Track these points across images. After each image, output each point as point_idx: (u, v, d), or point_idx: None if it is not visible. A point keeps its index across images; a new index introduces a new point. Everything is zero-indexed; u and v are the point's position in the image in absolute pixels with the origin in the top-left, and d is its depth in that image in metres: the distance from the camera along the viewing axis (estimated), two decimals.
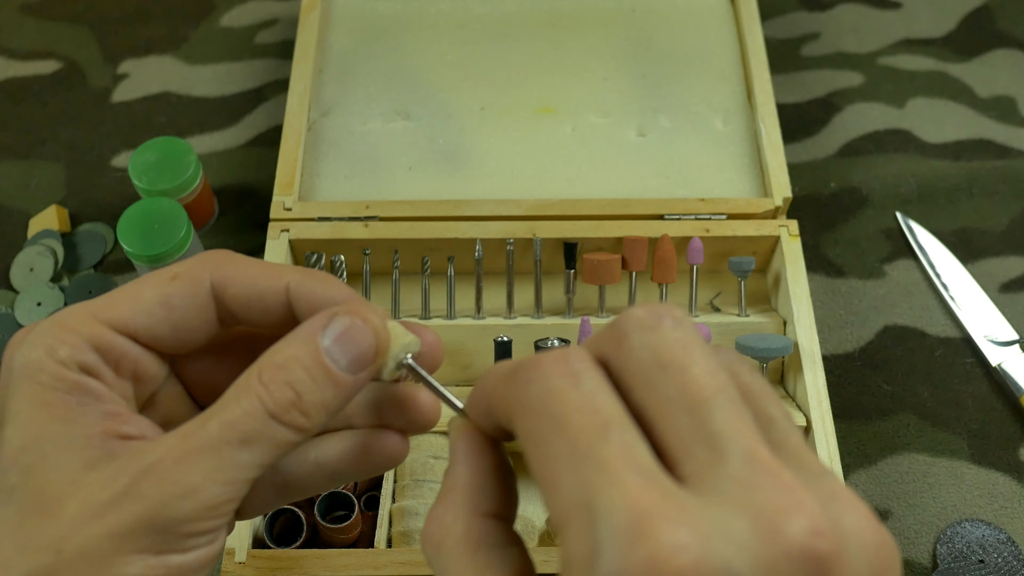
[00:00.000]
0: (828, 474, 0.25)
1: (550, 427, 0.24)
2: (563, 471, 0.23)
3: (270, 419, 0.28)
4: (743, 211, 0.59)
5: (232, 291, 0.31)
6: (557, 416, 0.24)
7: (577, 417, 0.24)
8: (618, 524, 0.22)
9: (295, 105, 0.63)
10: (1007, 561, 0.53)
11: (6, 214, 0.68)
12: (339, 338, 0.29)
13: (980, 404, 0.60)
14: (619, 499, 0.22)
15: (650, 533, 0.21)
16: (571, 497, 0.23)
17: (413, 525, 0.47)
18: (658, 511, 0.22)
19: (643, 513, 0.22)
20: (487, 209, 0.59)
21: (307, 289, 0.31)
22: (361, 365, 0.29)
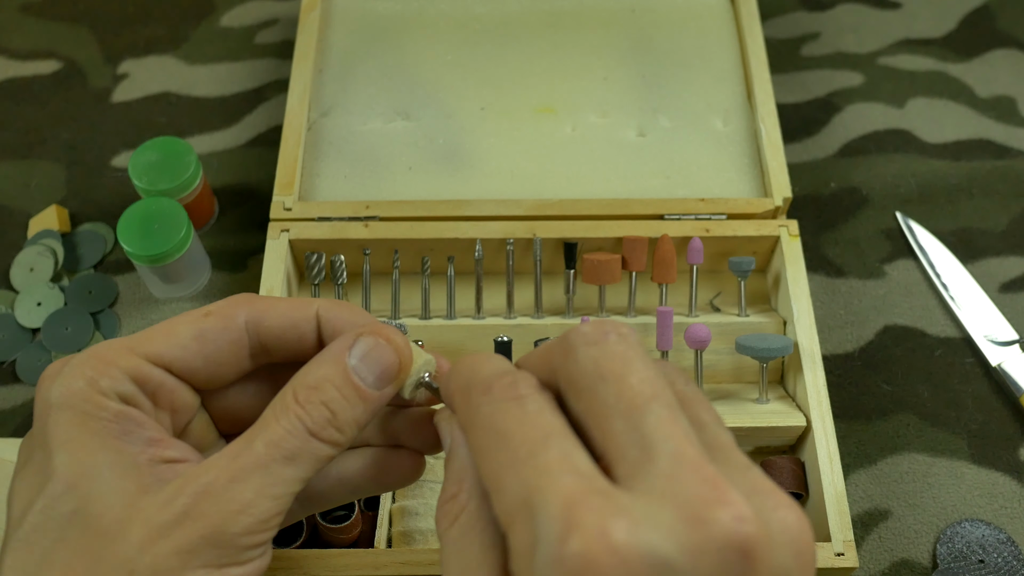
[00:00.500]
0: (754, 469, 0.27)
1: (496, 440, 0.27)
2: (506, 476, 0.26)
3: (310, 437, 0.31)
4: (743, 211, 0.59)
5: (267, 323, 0.34)
6: (502, 431, 0.27)
7: (520, 430, 0.26)
8: (553, 515, 0.24)
9: (295, 105, 0.63)
10: (1007, 561, 0.53)
11: (6, 214, 0.68)
12: (365, 357, 0.32)
13: (980, 404, 0.60)
14: (554, 495, 0.24)
15: (581, 521, 0.23)
16: (514, 498, 0.25)
17: (413, 525, 0.47)
18: (589, 503, 0.24)
19: (575, 505, 0.24)
20: (487, 209, 0.59)
21: (335, 315, 0.34)
22: (386, 380, 0.32)
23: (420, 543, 0.47)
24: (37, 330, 0.63)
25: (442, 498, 0.29)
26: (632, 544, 0.23)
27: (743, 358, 0.57)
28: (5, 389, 0.61)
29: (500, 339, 0.53)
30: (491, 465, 0.27)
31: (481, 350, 0.56)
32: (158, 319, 0.63)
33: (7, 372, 0.62)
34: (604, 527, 0.23)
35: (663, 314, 0.54)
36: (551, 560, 0.23)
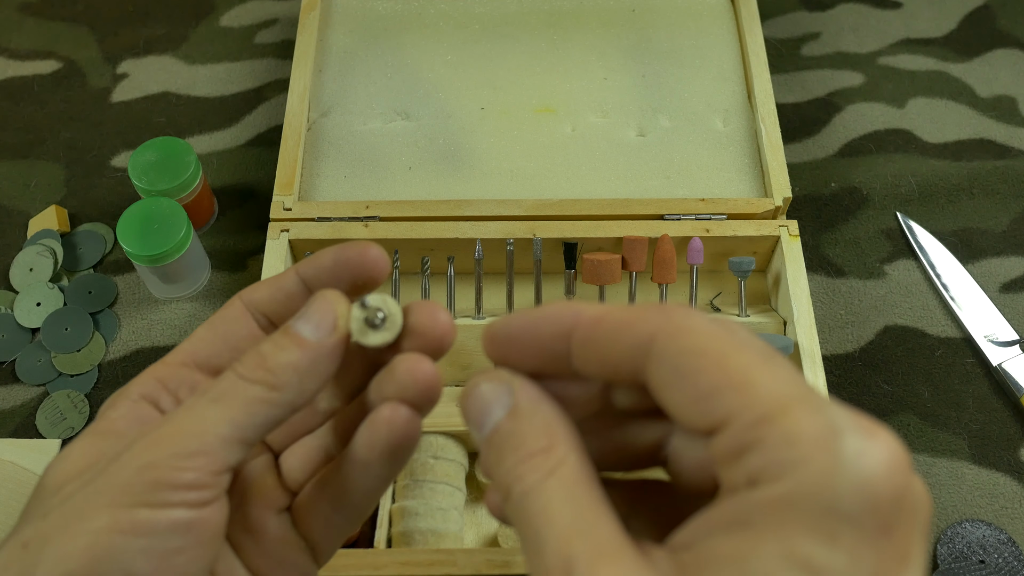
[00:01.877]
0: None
1: (735, 346, 0.25)
2: (761, 375, 0.24)
3: (238, 379, 0.30)
4: (743, 211, 0.59)
5: (256, 296, 0.34)
6: (739, 339, 0.25)
7: (752, 338, 0.25)
8: (858, 425, 0.24)
9: (295, 105, 0.63)
10: (1007, 561, 0.53)
11: (6, 214, 0.68)
12: (302, 315, 0.31)
13: (980, 404, 0.60)
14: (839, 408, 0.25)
15: (888, 440, 0.24)
16: (785, 391, 0.24)
17: (413, 525, 0.47)
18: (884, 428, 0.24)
19: (875, 426, 0.24)
20: (487, 209, 0.59)
21: (308, 265, 0.34)
22: (324, 329, 0.31)
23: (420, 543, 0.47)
24: (37, 330, 0.63)
25: (523, 453, 0.26)
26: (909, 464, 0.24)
27: None
28: (5, 389, 0.61)
29: None
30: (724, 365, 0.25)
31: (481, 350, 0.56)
32: (158, 319, 0.63)
33: (7, 372, 0.62)
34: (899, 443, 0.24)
35: None
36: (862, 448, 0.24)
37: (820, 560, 0.23)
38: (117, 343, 0.63)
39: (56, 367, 0.61)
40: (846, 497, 0.23)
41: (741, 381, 0.24)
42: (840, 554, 0.23)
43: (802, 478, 0.23)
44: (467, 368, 0.56)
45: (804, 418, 0.24)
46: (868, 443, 0.24)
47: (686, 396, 0.25)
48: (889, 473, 0.23)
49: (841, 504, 0.23)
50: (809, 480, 0.23)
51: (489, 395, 0.29)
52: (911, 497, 0.24)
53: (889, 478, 0.23)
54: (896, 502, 0.23)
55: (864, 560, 0.23)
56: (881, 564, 0.23)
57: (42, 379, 0.61)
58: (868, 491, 0.23)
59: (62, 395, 0.60)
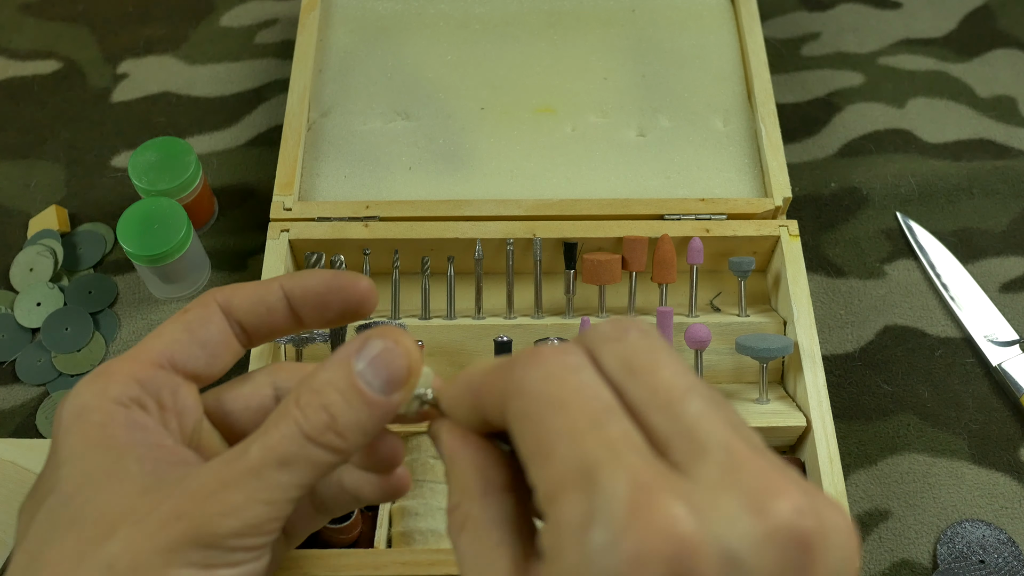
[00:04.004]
0: (793, 469, 0.26)
1: (550, 407, 0.25)
2: (561, 445, 0.24)
3: (307, 441, 0.30)
4: (743, 211, 0.59)
5: (236, 303, 0.34)
6: (558, 397, 0.25)
7: (578, 399, 0.25)
8: (620, 494, 0.23)
9: (295, 105, 0.63)
10: (1007, 561, 0.53)
11: (6, 214, 0.68)
12: (373, 361, 0.30)
13: (980, 404, 0.60)
14: (622, 472, 0.23)
15: (651, 505, 0.22)
16: (568, 467, 0.24)
17: (413, 525, 0.47)
18: (658, 486, 0.23)
19: (645, 486, 0.23)
20: (487, 209, 0.59)
21: (296, 283, 0.34)
22: (395, 386, 0.30)
23: (420, 543, 0.47)
24: (37, 330, 0.63)
25: (448, 509, 0.29)
26: (700, 534, 0.22)
27: (743, 358, 0.57)
28: (5, 389, 0.61)
29: (500, 339, 0.53)
30: (541, 432, 0.25)
31: (481, 350, 0.56)
32: (158, 319, 0.63)
33: (7, 372, 0.62)
34: (676, 512, 0.22)
35: (663, 314, 0.54)
36: (611, 539, 0.22)
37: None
38: (117, 343, 0.63)
39: (56, 367, 0.61)
40: (598, 569, 0.22)
41: (544, 453, 0.25)
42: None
43: (560, 566, 0.23)
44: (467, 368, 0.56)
45: (570, 504, 0.23)
46: (618, 534, 0.22)
47: (524, 460, 0.26)
48: (636, 568, 0.22)
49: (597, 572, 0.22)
50: (564, 570, 0.23)
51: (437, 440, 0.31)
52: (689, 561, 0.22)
53: (644, 558, 0.22)
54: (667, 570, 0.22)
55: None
56: None
57: (42, 379, 0.61)
58: (622, 566, 0.22)
59: (62, 395, 0.60)
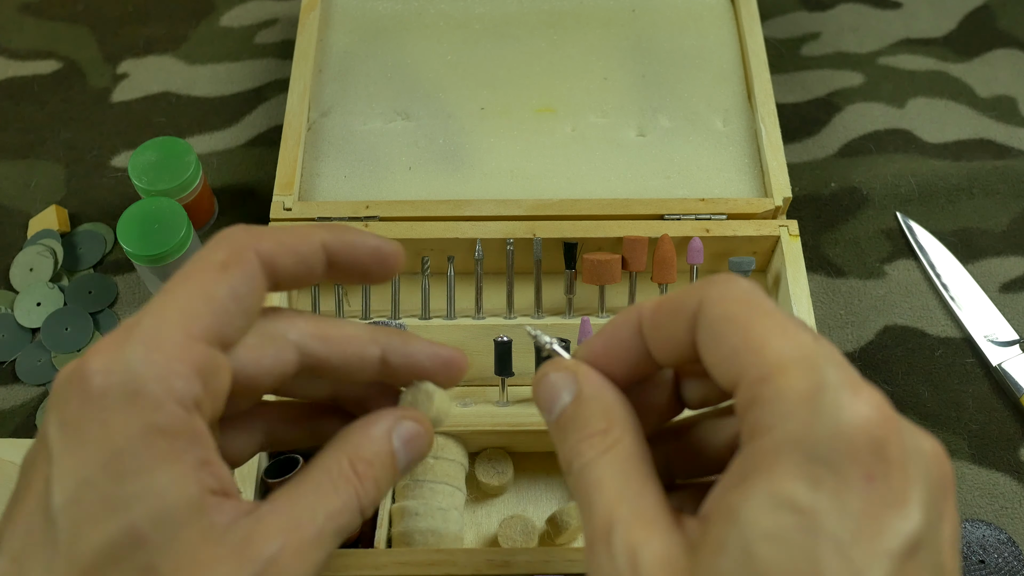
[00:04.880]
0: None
1: (758, 308, 0.28)
2: (775, 338, 0.27)
3: (359, 513, 0.32)
4: (743, 211, 0.59)
5: (280, 262, 0.32)
6: (763, 305, 0.28)
7: (775, 308, 0.28)
8: (839, 377, 0.26)
9: (295, 105, 0.63)
10: (1007, 561, 0.53)
11: (6, 214, 0.68)
12: (407, 443, 0.33)
13: (980, 404, 0.60)
14: (839, 366, 0.27)
15: (869, 396, 0.27)
16: (788, 354, 0.27)
17: (413, 525, 0.47)
18: (870, 386, 0.27)
19: (861, 384, 0.27)
20: (487, 209, 0.59)
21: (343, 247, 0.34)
22: (415, 464, 0.34)
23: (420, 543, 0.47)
24: (37, 330, 0.63)
25: (583, 433, 0.30)
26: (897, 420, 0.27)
27: None
28: (5, 389, 0.61)
29: (500, 339, 0.53)
30: (751, 328, 0.27)
31: (481, 350, 0.56)
32: None
33: (7, 372, 0.62)
34: (879, 397, 0.27)
35: None
36: (840, 403, 0.26)
37: (803, 500, 0.25)
38: None
39: (56, 367, 0.61)
40: (824, 444, 0.25)
41: (756, 344, 0.27)
42: (823, 495, 0.25)
43: (787, 428, 0.26)
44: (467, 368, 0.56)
45: (795, 377, 0.26)
46: (849, 398, 0.26)
47: (717, 356, 0.28)
48: (867, 425, 0.26)
49: (820, 451, 0.25)
50: (793, 430, 0.26)
51: (558, 383, 0.32)
52: (897, 447, 0.26)
53: (866, 429, 0.26)
54: (877, 451, 0.26)
55: (848, 502, 0.25)
56: (868, 507, 0.25)
57: (42, 379, 0.61)
58: (846, 440, 0.25)
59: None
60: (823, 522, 0.25)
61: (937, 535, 0.26)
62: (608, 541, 0.27)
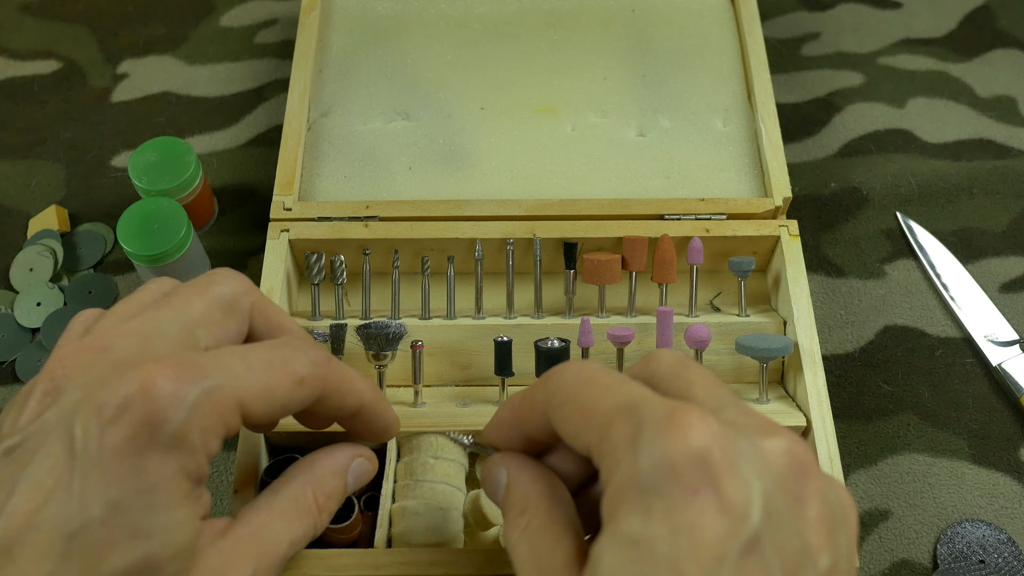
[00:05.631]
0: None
1: (586, 384, 0.32)
2: (600, 401, 0.31)
3: (311, 539, 0.38)
4: (743, 211, 0.59)
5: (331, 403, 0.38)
6: (588, 378, 0.32)
7: (604, 374, 0.33)
8: (658, 412, 0.29)
9: (295, 105, 0.63)
10: (1007, 561, 0.53)
11: (6, 214, 0.68)
12: (358, 478, 0.41)
13: (980, 404, 0.60)
14: (656, 401, 0.30)
15: (683, 417, 0.29)
16: (610, 411, 0.30)
17: (413, 525, 0.47)
18: (687, 406, 0.30)
19: (675, 406, 0.29)
20: (487, 209, 0.59)
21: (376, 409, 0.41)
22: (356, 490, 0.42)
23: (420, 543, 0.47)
24: (37, 330, 0.63)
25: (511, 517, 0.35)
26: (722, 432, 0.29)
27: (743, 358, 0.57)
28: (5, 389, 0.61)
29: (500, 339, 0.53)
30: (581, 403, 0.32)
31: (481, 350, 0.56)
32: None
33: (7, 372, 0.62)
34: (703, 419, 0.29)
35: (663, 314, 0.54)
36: (654, 438, 0.29)
37: (638, 532, 0.28)
38: None
39: None
40: (649, 476, 0.28)
41: (588, 413, 0.31)
42: (655, 522, 0.28)
43: (621, 473, 0.29)
44: (467, 368, 0.56)
45: (619, 426, 0.30)
46: (664, 428, 0.29)
47: (569, 436, 0.33)
48: (682, 444, 0.28)
49: (647, 483, 0.28)
50: (624, 473, 0.29)
51: (495, 476, 0.37)
52: (721, 455, 0.28)
53: (683, 449, 0.28)
54: (699, 465, 0.28)
55: (678, 520, 0.28)
56: (697, 519, 0.28)
57: None
58: (666, 465, 0.28)
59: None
60: (656, 547, 0.28)
61: (787, 523, 0.29)
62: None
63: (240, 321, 0.38)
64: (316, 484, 0.38)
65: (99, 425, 0.31)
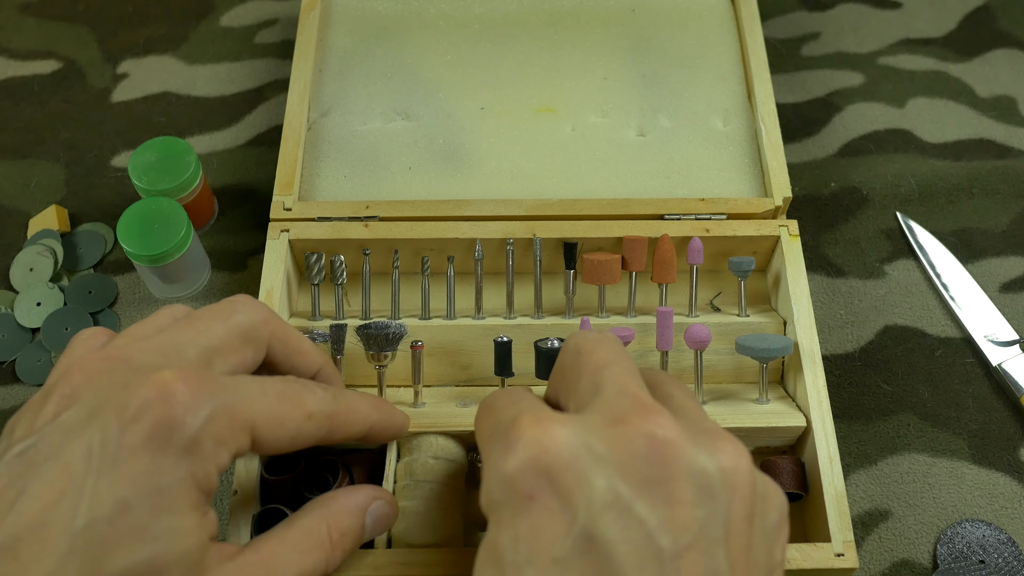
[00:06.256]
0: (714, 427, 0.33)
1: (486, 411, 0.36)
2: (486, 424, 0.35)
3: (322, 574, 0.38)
4: (743, 211, 0.59)
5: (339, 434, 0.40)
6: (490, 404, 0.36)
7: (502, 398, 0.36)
8: (507, 420, 0.32)
9: (295, 105, 0.63)
10: (1007, 562, 0.53)
11: (6, 214, 0.68)
12: (377, 520, 0.41)
13: (980, 404, 0.60)
14: (513, 409, 0.33)
15: (520, 430, 0.31)
16: (488, 432, 0.34)
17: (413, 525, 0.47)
18: (529, 417, 0.32)
19: (518, 419, 0.32)
20: (487, 209, 0.59)
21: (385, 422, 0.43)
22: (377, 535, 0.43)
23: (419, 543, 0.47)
24: (37, 330, 0.63)
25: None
26: (560, 435, 0.31)
27: (743, 358, 0.57)
28: (5, 389, 0.61)
29: (500, 339, 0.53)
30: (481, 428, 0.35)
31: (481, 350, 0.56)
32: None
33: (7, 372, 0.62)
34: (542, 426, 0.31)
35: (663, 314, 0.54)
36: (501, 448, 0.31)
37: (491, 540, 0.31)
38: None
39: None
40: (495, 491, 0.31)
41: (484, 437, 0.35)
42: (502, 530, 0.30)
43: (482, 488, 0.32)
44: (467, 368, 0.56)
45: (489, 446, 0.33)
46: (503, 451, 0.31)
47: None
48: (520, 454, 0.30)
49: (495, 496, 0.31)
50: (484, 487, 0.32)
51: None
52: (557, 463, 0.30)
53: (520, 459, 0.30)
54: (537, 473, 0.30)
55: (519, 527, 0.30)
56: (534, 524, 0.30)
57: (42, 379, 0.61)
58: (507, 478, 0.31)
59: None
60: (503, 553, 0.30)
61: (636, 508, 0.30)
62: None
63: (257, 350, 0.39)
64: (332, 519, 0.39)
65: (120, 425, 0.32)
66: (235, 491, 0.47)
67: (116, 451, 0.31)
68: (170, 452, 0.32)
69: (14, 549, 0.30)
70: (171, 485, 0.32)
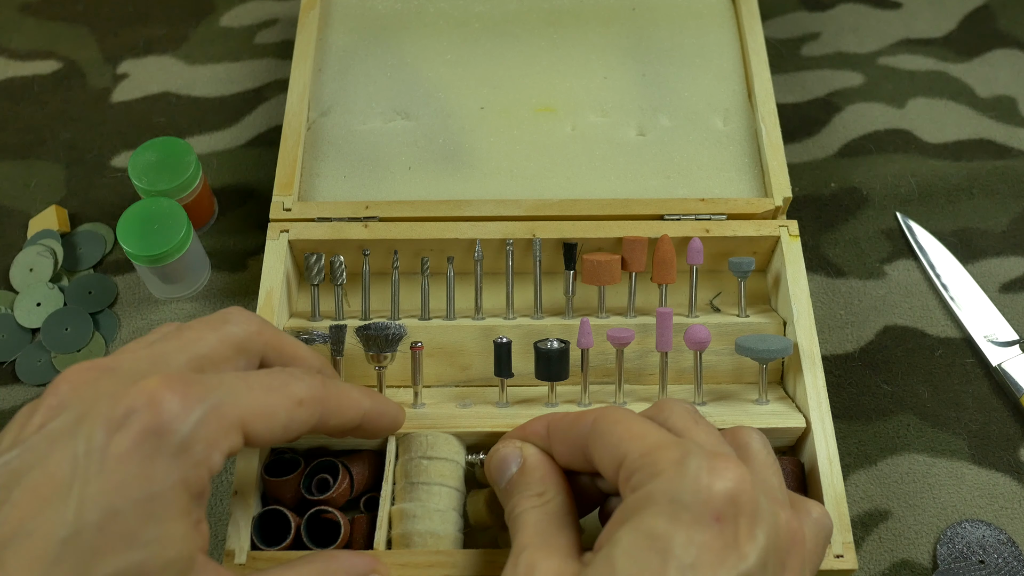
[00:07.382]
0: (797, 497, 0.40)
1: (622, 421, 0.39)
2: (651, 431, 0.37)
3: None
4: (743, 211, 0.59)
5: (332, 422, 0.40)
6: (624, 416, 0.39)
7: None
8: (706, 452, 0.35)
9: (295, 105, 0.63)
10: (1007, 562, 0.53)
11: (6, 214, 0.68)
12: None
13: (980, 404, 0.60)
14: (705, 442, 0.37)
15: (728, 461, 0.35)
16: (659, 441, 0.36)
17: (411, 527, 0.47)
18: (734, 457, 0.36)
19: (724, 454, 0.35)
20: (487, 209, 0.59)
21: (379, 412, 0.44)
22: None
23: (419, 545, 0.47)
24: (37, 330, 0.63)
25: (527, 494, 0.40)
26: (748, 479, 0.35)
27: (743, 359, 0.57)
28: (5, 389, 0.61)
29: (500, 340, 0.53)
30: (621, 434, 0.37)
31: (481, 351, 0.56)
32: (158, 320, 0.63)
33: (7, 372, 0.62)
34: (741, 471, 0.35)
35: (663, 315, 0.54)
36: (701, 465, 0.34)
37: (660, 529, 0.33)
38: (117, 343, 0.63)
39: (56, 367, 0.61)
40: (687, 492, 0.34)
41: (638, 435, 0.37)
42: (678, 527, 0.33)
43: (659, 483, 0.34)
44: (467, 368, 0.56)
45: (668, 451, 0.36)
46: (709, 464, 0.34)
47: (605, 447, 0.38)
48: (722, 482, 0.34)
49: (682, 496, 0.33)
50: (663, 483, 0.34)
51: (508, 456, 0.42)
52: (750, 502, 0.34)
53: (723, 483, 0.34)
54: (730, 500, 0.33)
55: (697, 535, 0.33)
56: (712, 541, 0.33)
57: (42, 379, 0.61)
58: (704, 489, 0.33)
59: None
60: (673, 547, 0.32)
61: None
62: (517, 561, 0.37)
63: (249, 361, 0.39)
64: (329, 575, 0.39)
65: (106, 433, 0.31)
66: (235, 491, 0.47)
67: (103, 458, 0.31)
68: (159, 458, 0.32)
69: (0, 559, 0.30)
70: (161, 491, 0.31)
